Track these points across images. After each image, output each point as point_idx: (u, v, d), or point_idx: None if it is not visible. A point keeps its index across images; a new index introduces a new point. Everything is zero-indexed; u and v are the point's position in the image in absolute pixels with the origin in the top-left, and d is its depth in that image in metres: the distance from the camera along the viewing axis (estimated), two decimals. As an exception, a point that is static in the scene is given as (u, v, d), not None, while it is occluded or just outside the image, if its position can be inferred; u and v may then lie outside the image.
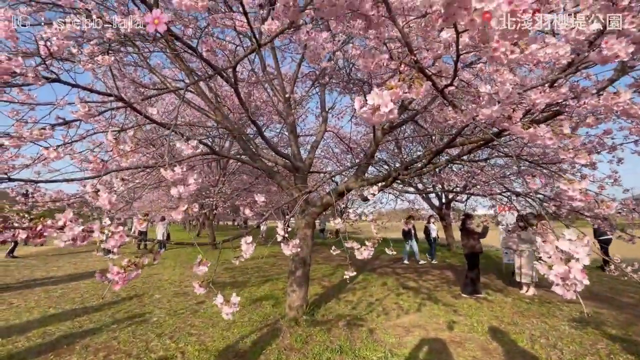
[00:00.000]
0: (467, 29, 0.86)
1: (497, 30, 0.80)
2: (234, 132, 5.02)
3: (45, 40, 1.94)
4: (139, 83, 6.13)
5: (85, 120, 1.96)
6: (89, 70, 2.28)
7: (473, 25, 0.84)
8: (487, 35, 0.87)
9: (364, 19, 1.31)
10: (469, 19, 0.84)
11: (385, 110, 0.81)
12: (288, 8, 1.26)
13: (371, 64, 1.34)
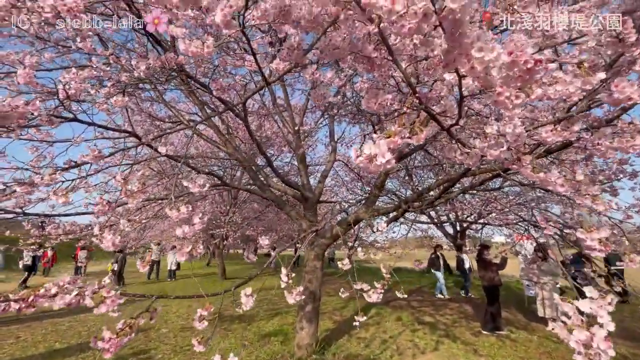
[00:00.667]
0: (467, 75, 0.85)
1: (499, 77, 0.78)
2: (244, 162, 5.09)
3: (64, 84, 2.04)
4: (155, 117, 6.38)
5: (94, 163, 2.01)
6: (104, 110, 2.37)
7: (474, 73, 0.83)
8: (489, 82, 0.85)
9: (367, 61, 1.33)
10: (470, 67, 0.82)
11: (382, 160, 0.78)
12: (292, 51, 1.29)
13: (374, 104, 1.34)
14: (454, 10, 0.71)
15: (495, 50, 0.76)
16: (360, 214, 4.60)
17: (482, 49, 0.77)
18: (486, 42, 0.79)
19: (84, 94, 2.33)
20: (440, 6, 0.72)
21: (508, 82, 0.78)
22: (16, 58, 1.96)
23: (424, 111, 1.25)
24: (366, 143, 0.81)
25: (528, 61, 0.73)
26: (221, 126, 5.59)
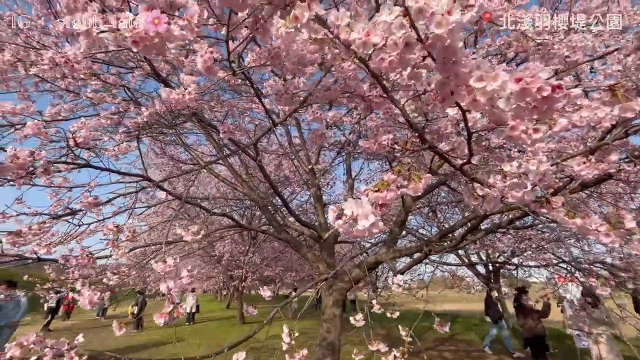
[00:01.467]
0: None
1: (509, 110, 0.64)
2: (259, 203, 5.04)
3: (72, 133, 2.09)
4: (177, 159, 6.60)
5: (88, 210, 1.98)
6: (112, 157, 2.40)
7: (477, 106, 0.68)
8: (498, 116, 0.70)
9: (362, 100, 1.23)
10: (471, 99, 0.68)
11: (365, 224, 0.62)
12: (280, 97, 1.22)
13: (373, 145, 1.21)
14: (441, 36, 0.59)
15: (500, 78, 0.62)
16: (380, 256, 4.32)
17: (482, 78, 0.63)
18: (487, 69, 0.66)
19: (95, 141, 2.39)
20: (425, 33, 0.61)
21: (521, 114, 0.63)
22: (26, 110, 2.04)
23: (430, 150, 1.11)
24: (347, 202, 0.66)
25: (543, 88, 0.58)
26: (239, 166, 5.67)
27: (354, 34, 0.65)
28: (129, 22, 0.75)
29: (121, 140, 2.55)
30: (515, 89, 0.60)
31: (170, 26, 0.82)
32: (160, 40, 0.82)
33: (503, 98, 0.62)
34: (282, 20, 0.79)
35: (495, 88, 0.62)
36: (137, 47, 0.77)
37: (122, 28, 0.74)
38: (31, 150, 1.78)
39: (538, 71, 0.59)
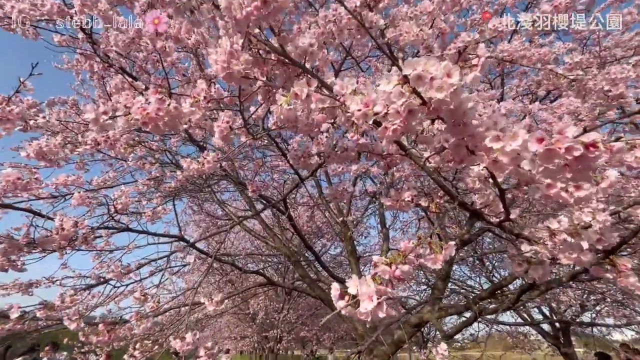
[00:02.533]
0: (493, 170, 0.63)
1: (537, 173, 0.55)
2: (292, 258, 4.94)
3: (113, 200, 2.24)
4: (213, 215, 6.84)
5: (119, 280, 2.03)
6: (149, 220, 2.52)
7: (499, 167, 0.61)
8: (527, 176, 0.61)
9: (381, 159, 1.18)
10: (491, 160, 0.61)
11: (368, 306, 0.54)
12: (297, 160, 1.22)
13: (396, 204, 1.13)
14: (444, 100, 0.55)
15: (519, 137, 0.55)
16: (425, 315, 3.92)
17: (499, 138, 0.56)
18: (504, 127, 0.59)
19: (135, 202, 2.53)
20: (427, 98, 0.57)
21: (553, 175, 0.55)
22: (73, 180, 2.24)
23: (461, 208, 1.01)
24: (351, 279, 0.59)
25: (573, 148, 0.50)
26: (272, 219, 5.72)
27: (352, 105, 0.63)
28: (140, 105, 0.79)
29: (158, 204, 2.69)
30: (539, 150, 0.52)
31: (182, 105, 0.87)
32: (171, 119, 0.86)
33: (527, 159, 0.54)
34: (282, 97, 0.80)
35: (516, 148, 0.54)
36: (146, 127, 0.81)
37: (133, 111, 0.79)
38: (75, 220, 1.92)
39: (565, 127, 0.52)
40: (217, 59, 0.76)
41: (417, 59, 0.54)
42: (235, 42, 0.76)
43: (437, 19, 1.33)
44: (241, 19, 0.69)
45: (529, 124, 2.51)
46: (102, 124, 0.82)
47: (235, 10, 0.68)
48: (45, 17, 1.84)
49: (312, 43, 0.85)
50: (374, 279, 0.59)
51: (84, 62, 3.02)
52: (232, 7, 0.68)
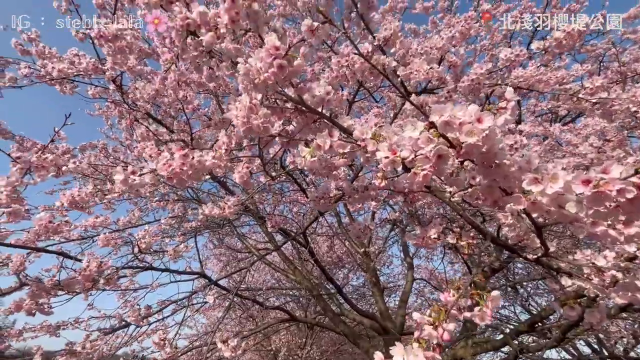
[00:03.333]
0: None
1: (585, 216, 0.51)
2: (313, 291, 4.81)
3: (137, 240, 2.29)
4: (233, 249, 6.84)
5: (137, 324, 2.03)
6: (172, 258, 2.54)
7: (538, 209, 0.57)
8: (569, 217, 0.58)
9: (403, 195, 1.16)
10: (530, 202, 0.58)
11: None
12: (317, 202, 1.21)
13: (421, 242, 1.09)
14: (477, 145, 0.53)
15: (560, 178, 0.52)
16: (459, 352, 3.67)
17: (536, 180, 0.54)
18: (538, 167, 0.56)
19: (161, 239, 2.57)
20: (457, 142, 0.56)
21: (602, 217, 0.51)
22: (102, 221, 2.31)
23: (494, 244, 0.96)
24: (395, 347, 0.55)
25: (625, 190, 0.46)
26: (292, 250, 5.64)
27: (379, 153, 0.62)
28: (165, 161, 0.82)
29: (180, 242, 2.73)
30: (585, 193, 0.49)
31: (203, 158, 0.89)
32: (195, 172, 0.88)
33: (572, 201, 0.51)
34: (305, 149, 0.81)
35: (558, 191, 0.51)
36: (171, 182, 0.84)
37: (158, 168, 0.82)
38: (99, 261, 1.96)
39: (610, 165, 0.49)
40: (237, 115, 0.79)
41: (443, 105, 0.54)
42: (254, 97, 0.79)
43: (448, 53, 1.35)
44: (259, 83, 0.72)
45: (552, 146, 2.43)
46: (131, 184, 0.85)
47: (253, 76, 0.71)
48: (81, 73, 2.00)
49: (328, 91, 0.87)
50: (418, 343, 0.55)
51: (113, 109, 3.23)
52: (250, 73, 0.71)
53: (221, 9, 0.82)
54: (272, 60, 0.72)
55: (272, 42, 0.70)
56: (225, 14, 0.82)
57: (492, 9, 3.64)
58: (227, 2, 0.79)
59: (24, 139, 3.21)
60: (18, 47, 2.39)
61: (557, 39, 1.32)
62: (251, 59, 0.75)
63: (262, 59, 0.72)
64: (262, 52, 0.72)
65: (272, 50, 0.71)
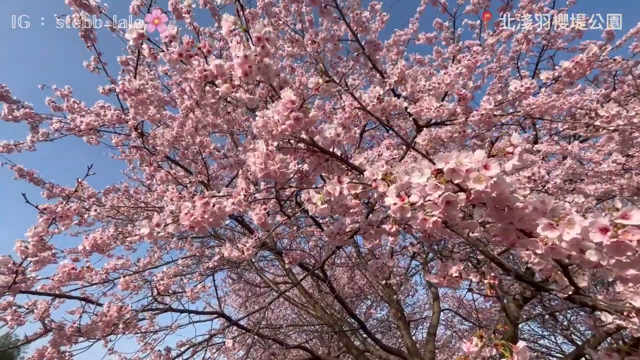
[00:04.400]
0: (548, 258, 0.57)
1: (607, 266, 0.49)
2: (335, 327, 4.63)
3: (156, 282, 2.31)
4: (252, 283, 6.76)
5: None
6: (190, 300, 2.54)
7: (557, 253, 0.55)
8: (592, 263, 0.55)
9: (419, 231, 1.14)
10: (548, 247, 0.56)
11: None
12: (333, 237, 1.21)
13: (443, 281, 1.05)
14: (485, 191, 0.53)
15: (576, 224, 0.50)
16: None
17: (551, 226, 0.52)
18: (554, 208, 0.55)
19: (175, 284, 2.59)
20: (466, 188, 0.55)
21: (626, 266, 0.48)
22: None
23: (518, 280, 0.92)
24: None
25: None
26: (311, 283, 5.51)
27: (388, 199, 0.62)
28: (187, 211, 0.85)
29: (198, 281, 2.73)
30: (605, 242, 0.47)
31: (223, 205, 0.92)
32: (215, 219, 0.90)
33: (592, 249, 0.49)
34: (316, 195, 0.82)
35: (576, 237, 0.49)
36: (193, 230, 0.86)
37: (181, 217, 0.85)
38: (119, 306, 1.97)
39: (630, 210, 0.47)
40: (254, 162, 0.82)
41: (448, 153, 0.55)
42: (270, 143, 0.82)
43: (456, 88, 1.37)
44: (277, 134, 0.75)
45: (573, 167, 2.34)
46: (156, 236, 0.88)
47: (271, 127, 0.75)
48: (106, 124, 2.14)
49: (338, 133, 0.90)
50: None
51: (135, 153, 3.40)
52: (269, 125, 0.75)
53: (235, 64, 0.88)
54: (289, 113, 0.75)
55: (288, 97, 0.74)
56: (239, 68, 0.87)
57: (494, 34, 3.69)
58: (240, 58, 0.85)
59: (54, 186, 3.39)
60: (51, 104, 2.60)
61: (566, 68, 1.32)
62: (268, 112, 0.79)
63: (279, 112, 0.76)
64: (279, 105, 0.76)
65: (288, 105, 0.75)
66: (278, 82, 0.82)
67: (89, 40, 2.28)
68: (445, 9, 3.69)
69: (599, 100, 2.99)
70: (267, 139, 0.80)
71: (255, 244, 1.32)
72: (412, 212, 0.61)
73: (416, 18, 4.02)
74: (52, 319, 2.21)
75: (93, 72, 2.43)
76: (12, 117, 2.60)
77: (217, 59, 0.94)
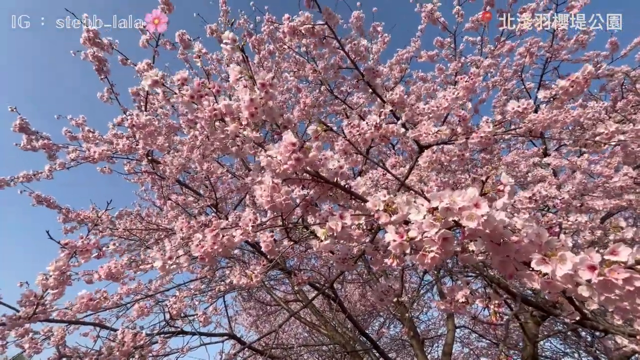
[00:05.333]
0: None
1: (598, 303, 0.50)
2: (347, 346, 4.54)
3: (169, 307, 2.34)
4: (262, 302, 6.72)
5: None
6: (202, 322, 2.55)
7: (553, 287, 0.57)
8: (585, 297, 0.56)
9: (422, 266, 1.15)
10: (544, 281, 0.57)
11: None
12: (340, 263, 1.22)
13: (450, 307, 1.05)
14: (478, 229, 0.55)
15: (568, 259, 0.52)
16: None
17: (543, 261, 0.54)
18: (549, 240, 0.56)
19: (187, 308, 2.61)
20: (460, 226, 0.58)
21: (613, 302, 0.49)
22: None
23: (526, 305, 0.92)
24: None
25: (632, 279, 0.45)
26: (322, 301, 5.44)
27: (388, 236, 0.65)
28: (198, 243, 0.89)
29: (209, 303, 2.75)
30: (593, 280, 0.48)
31: (232, 236, 0.96)
32: (224, 250, 0.94)
33: (583, 285, 0.51)
34: (320, 230, 0.85)
35: (568, 273, 0.51)
36: (203, 262, 0.90)
37: (192, 249, 0.88)
38: (134, 333, 2.00)
39: (618, 247, 0.48)
40: (261, 194, 0.86)
41: (442, 192, 0.57)
42: (276, 178, 0.87)
43: (456, 109, 1.40)
44: (280, 172, 0.80)
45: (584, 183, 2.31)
46: (168, 270, 0.92)
47: (274, 166, 0.80)
48: (119, 152, 2.24)
49: (341, 165, 0.93)
50: None
51: (146, 176, 3.50)
52: (272, 164, 0.80)
53: (242, 107, 0.94)
54: (290, 155, 0.80)
55: (289, 140, 0.79)
56: (246, 110, 0.93)
57: (495, 50, 3.74)
58: (246, 101, 0.91)
59: (69, 211, 3.49)
60: (67, 134, 2.72)
61: (562, 87, 1.34)
62: (271, 152, 0.84)
63: (282, 153, 0.81)
64: (281, 147, 0.81)
65: (289, 147, 0.80)
66: (282, 121, 0.87)
67: (102, 73, 2.41)
68: (445, 27, 3.77)
69: (607, 111, 2.98)
70: (272, 175, 0.84)
71: (264, 269, 1.34)
72: (412, 247, 0.63)
73: (417, 36, 4.10)
74: (66, 345, 2.26)
75: (106, 103, 2.55)
76: (31, 146, 2.73)
77: (225, 99, 1.00)
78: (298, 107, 2.74)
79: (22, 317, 1.34)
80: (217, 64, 3.82)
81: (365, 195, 1.02)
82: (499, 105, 4.61)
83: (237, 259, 3.93)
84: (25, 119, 2.63)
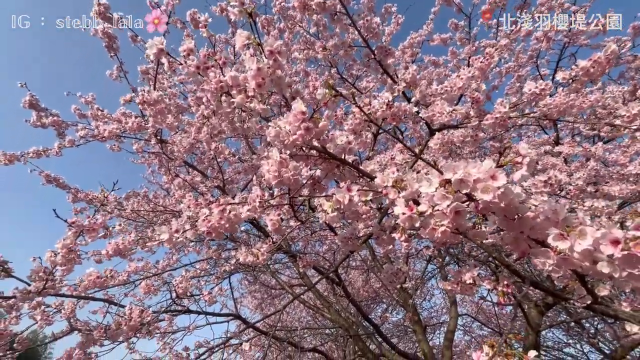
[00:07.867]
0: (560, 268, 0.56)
1: (619, 278, 0.48)
2: (350, 330, 4.61)
3: (175, 285, 2.38)
4: (267, 285, 6.83)
5: None
6: (207, 301, 2.60)
7: (570, 264, 0.54)
8: (605, 274, 0.53)
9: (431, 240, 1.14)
10: (560, 257, 0.55)
11: None
12: (346, 242, 1.22)
13: (456, 288, 1.04)
14: (493, 202, 0.53)
15: (588, 235, 0.49)
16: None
17: (562, 236, 0.51)
18: (566, 217, 0.54)
19: (192, 288, 2.66)
20: (474, 198, 0.55)
21: (636, 279, 0.47)
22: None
23: (534, 288, 0.91)
24: None
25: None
26: (326, 285, 5.51)
27: (397, 209, 0.63)
28: (204, 217, 0.88)
29: (215, 284, 2.79)
30: (616, 254, 0.46)
31: (239, 211, 0.95)
32: (231, 225, 0.93)
33: (604, 261, 0.48)
34: (327, 203, 0.84)
35: (587, 248, 0.49)
36: (210, 237, 0.89)
37: (199, 224, 0.88)
38: (141, 309, 2.05)
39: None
40: (268, 169, 0.84)
41: (456, 163, 0.55)
42: (283, 152, 0.84)
43: (470, 90, 1.36)
44: (288, 144, 0.78)
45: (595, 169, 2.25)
46: (175, 242, 0.92)
47: (283, 137, 0.77)
48: (127, 131, 2.23)
49: (349, 141, 0.91)
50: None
51: (154, 158, 3.52)
52: (280, 135, 0.78)
53: (249, 76, 0.91)
54: (300, 124, 0.77)
55: (299, 108, 0.77)
56: (253, 80, 0.90)
57: (512, 34, 3.60)
58: (253, 70, 0.88)
59: (78, 190, 3.54)
60: (77, 112, 2.73)
61: (583, 68, 1.28)
62: (280, 122, 0.82)
63: (290, 123, 0.78)
64: (290, 116, 0.78)
65: (299, 116, 0.77)
66: (290, 92, 0.84)
67: (112, 50, 2.38)
68: (460, 9, 3.64)
69: (625, 98, 2.87)
70: (280, 148, 0.82)
71: (270, 249, 1.34)
72: (421, 221, 0.61)
73: (431, 19, 3.97)
74: (77, 318, 2.32)
75: (115, 81, 2.54)
76: (41, 123, 2.74)
77: (232, 71, 0.97)
78: (307, 90, 2.69)
79: (32, 291, 1.37)
80: (225, 44, 3.76)
81: (374, 173, 1.00)
82: (511, 93, 4.48)
83: (243, 241, 3.97)
84: (35, 95, 2.64)
